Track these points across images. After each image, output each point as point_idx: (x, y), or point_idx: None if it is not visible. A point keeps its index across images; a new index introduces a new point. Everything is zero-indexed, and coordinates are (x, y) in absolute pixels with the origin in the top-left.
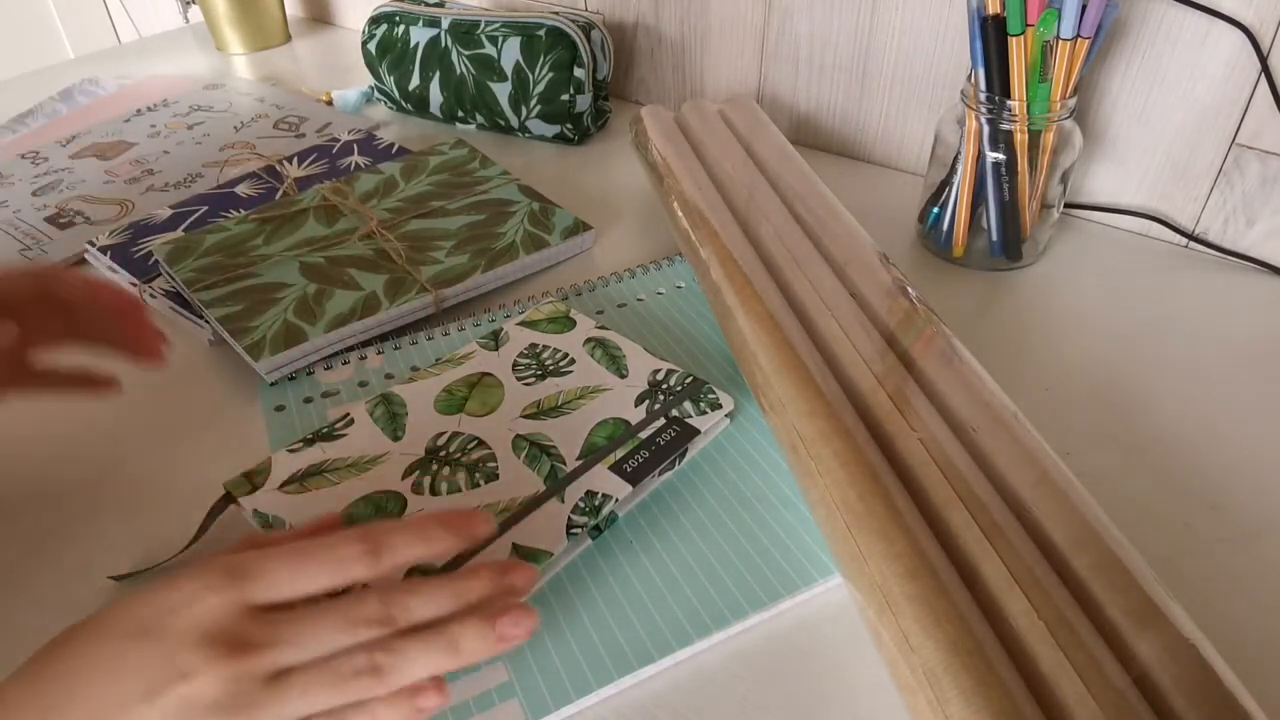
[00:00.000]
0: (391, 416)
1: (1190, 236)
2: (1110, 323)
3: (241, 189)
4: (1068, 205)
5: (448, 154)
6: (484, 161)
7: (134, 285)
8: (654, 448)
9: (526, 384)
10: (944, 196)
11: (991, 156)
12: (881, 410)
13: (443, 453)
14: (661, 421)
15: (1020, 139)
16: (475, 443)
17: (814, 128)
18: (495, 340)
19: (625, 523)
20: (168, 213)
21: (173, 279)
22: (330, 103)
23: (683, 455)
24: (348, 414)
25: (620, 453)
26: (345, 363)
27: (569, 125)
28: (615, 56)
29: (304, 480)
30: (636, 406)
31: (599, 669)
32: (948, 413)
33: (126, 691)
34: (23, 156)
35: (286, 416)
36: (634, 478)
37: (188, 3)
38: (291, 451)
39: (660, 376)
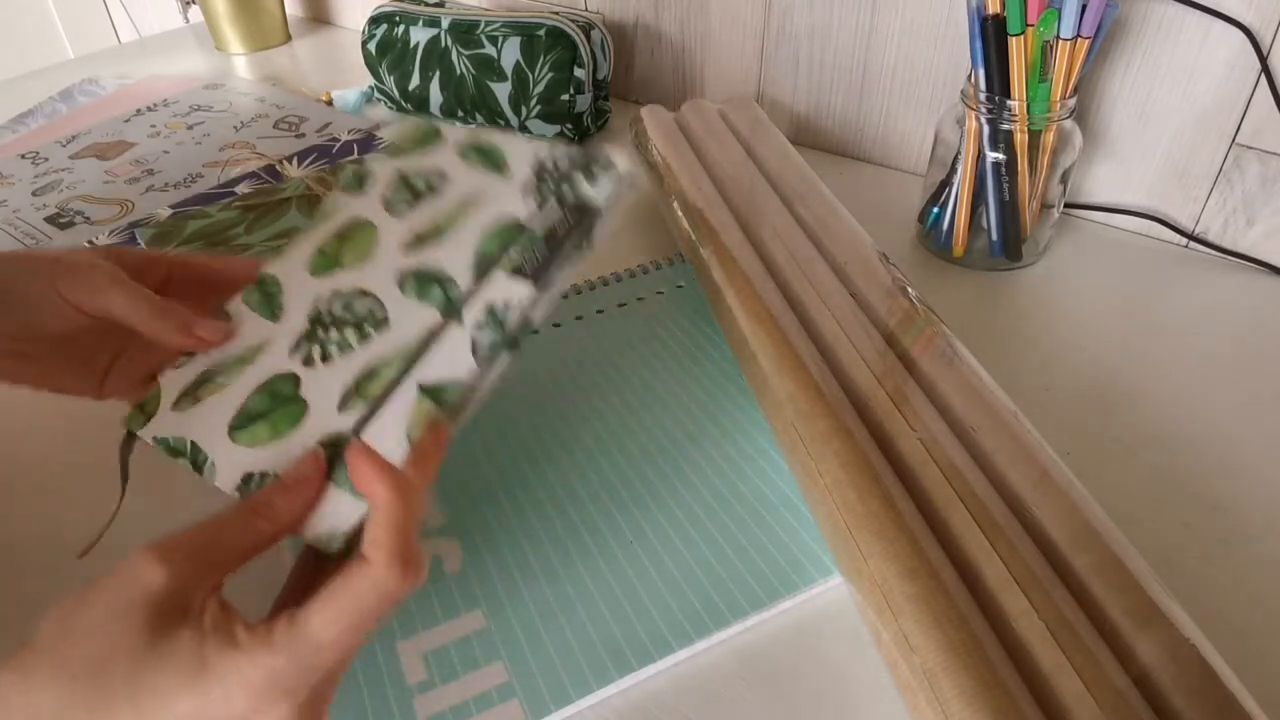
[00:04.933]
0: (267, 298)
1: (1190, 236)
2: (1110, 322)
3: (241, 189)
4: (1068, 205)
5: None
6: None
7: None
8: (551, 240)
9: (396, 213)
10: (944, 196)
11: (991, 156)
12: (881, 410)
13: (326, 317)
14: (554, 207)
15: (1020, 139)
16: (358, 294)
17: (814, 128)
18: (360, 182)
19: (626, 522)
20: (168, 212)
21: None
22: (330, 103)
23: (588, 236)
24: (225, 313)
25: (514, 253)
26: None
27: (569, 125)
28: (615, 56)
29: (195, 392)
30: (526, 199)
31: (599, 669)
32: (948, 413)
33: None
34: (23, 156)
35: None
36: (534, 277)
37: (188, 3)
38: (178, 368)
39: (543, 157)
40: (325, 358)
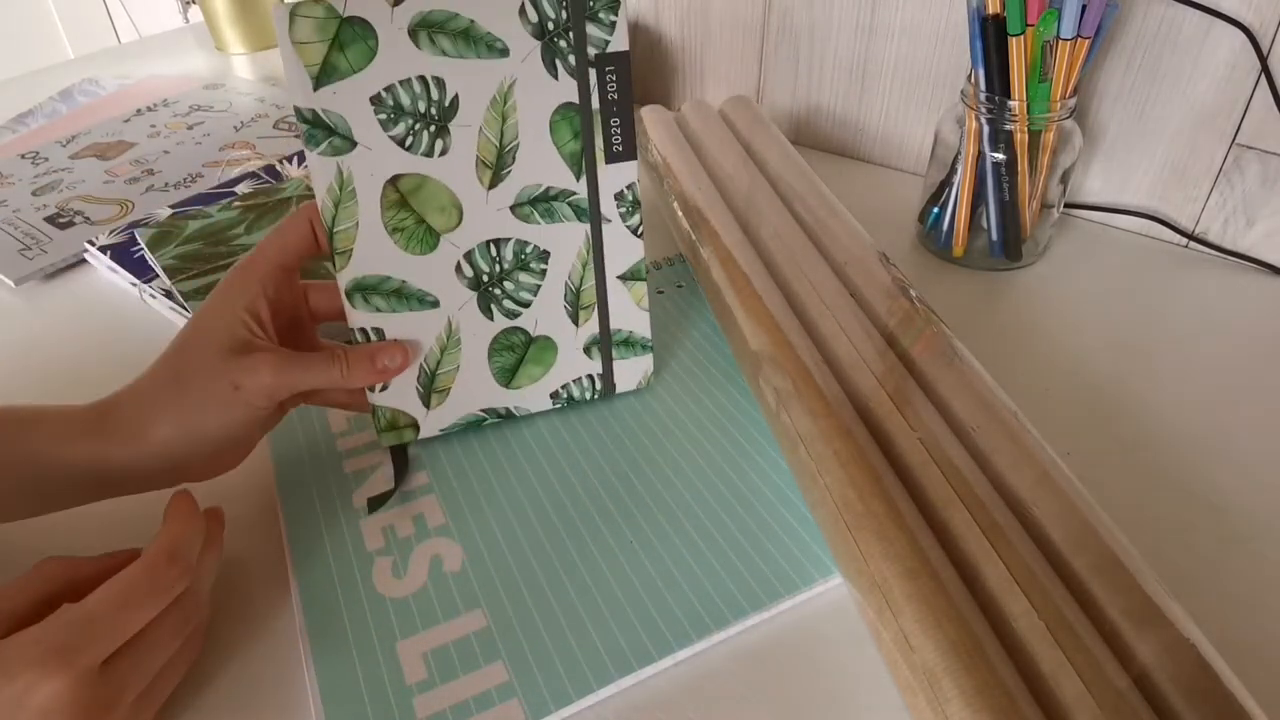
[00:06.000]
0: (398, 294)
1: (1190, 236)
2: (1110, 323)
3: (241, 189)
4: (1068, 205)
5: None
6: None
7: (134, 285)
8: (613, 108)
9: (440, 153)
10: (944, 196)
11: (991, 156)
12: (881, 410)
13: (485, 275)
14: (593, 72)
15: (1020, 139)
16: (492, 245)
17: (814, 128)
18: (331, 131)
19: (626, 522)
20: (168, 212)
21: (154, 266)
22: None
23: (629, 81)
24: (357, 330)
25: (599, 141)
26: None
27: None
28: None
29: (434, 388)
30: (552, 74)
31: (599, 669)
32: (948, 413)
33: None
34: (23, 156)
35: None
36: (628, 153)
37: (188, 3)
38: (385, 390)
39: (535, 17)
40: (524, 304)
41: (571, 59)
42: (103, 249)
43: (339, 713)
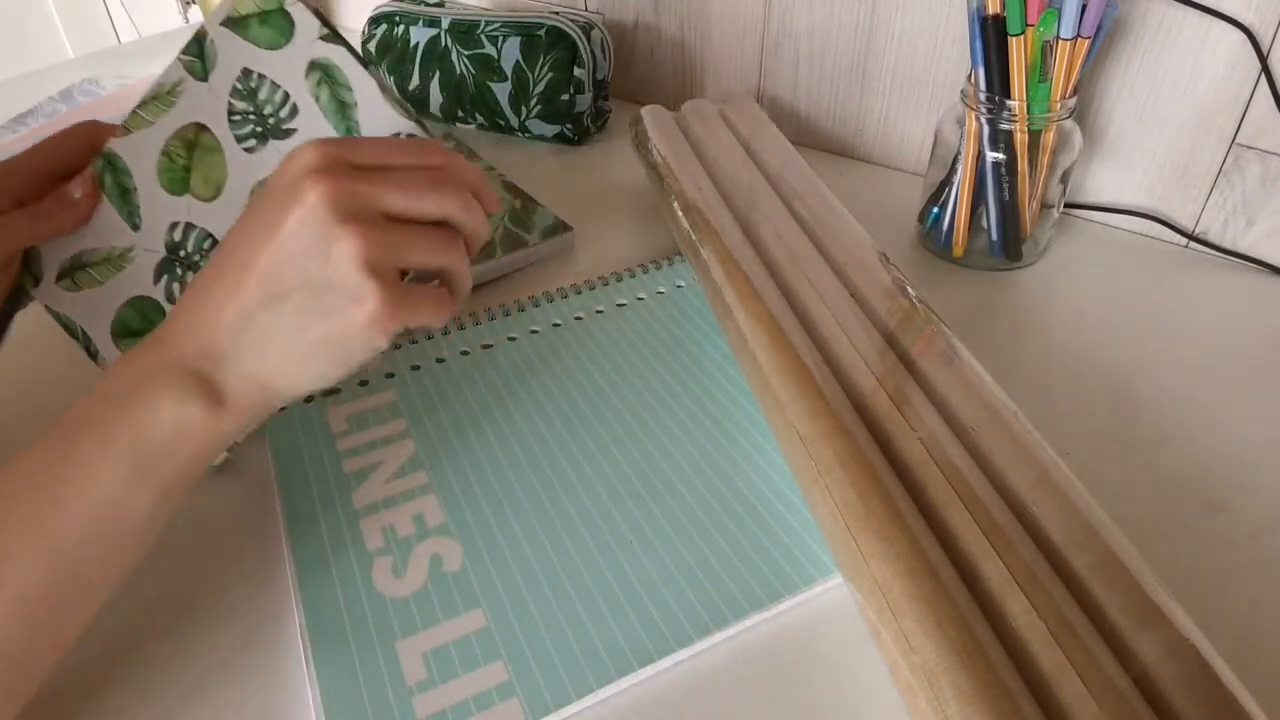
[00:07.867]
0: (122, 192)
1: (1190, 236)
2: (1110, 323)
3: None
4: (1068, 205)
5: None
6: (469, 155)
7: None
8: None
9: (247, 148)
10: (944, 196)
11: (991, 156)
12: (881, 410)
13: (181, 252)
14: None
15: (1020, 139)
16: (209, 241)
17: (814, 128)
18: (201, 56)
19: (626, 522)
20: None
21: None
22: None
23: None
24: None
25: None
26: None
27: (569, 125)
28: (615, 56)
29: (74, 276)
30: None
31: (599, 669)
32: (948, 413)
33: (255, 237)
34: None
35: (285, 415)
36: None
37: (188, 3)
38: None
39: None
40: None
41: None
42: None
43: (339, 712)
